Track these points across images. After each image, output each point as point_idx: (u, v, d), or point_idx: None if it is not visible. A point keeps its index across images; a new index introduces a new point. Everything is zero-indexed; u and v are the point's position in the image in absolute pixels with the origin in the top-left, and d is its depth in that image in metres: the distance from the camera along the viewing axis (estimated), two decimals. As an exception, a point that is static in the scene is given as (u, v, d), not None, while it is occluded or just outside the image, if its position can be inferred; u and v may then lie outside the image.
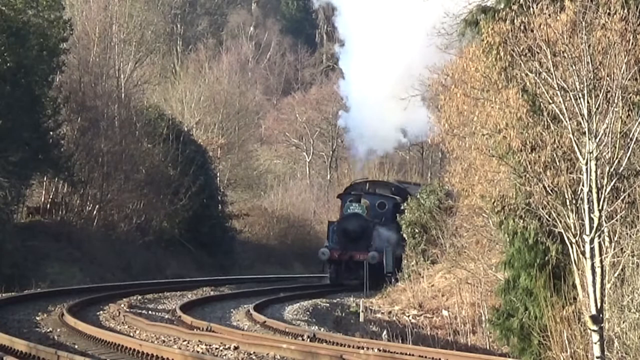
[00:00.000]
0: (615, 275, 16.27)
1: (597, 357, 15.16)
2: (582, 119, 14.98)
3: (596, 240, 15.03)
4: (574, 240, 15.32)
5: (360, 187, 44.55)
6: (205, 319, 24.14)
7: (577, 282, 16.51)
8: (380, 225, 41.39)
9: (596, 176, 14.91)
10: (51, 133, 37.46)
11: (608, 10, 15.12)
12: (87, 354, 17.59)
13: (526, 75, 15.62)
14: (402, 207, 41.32)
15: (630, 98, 15.36)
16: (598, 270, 15.06)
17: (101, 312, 25.34)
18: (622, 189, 15.69)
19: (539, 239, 18.67)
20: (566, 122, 15.10)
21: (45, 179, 39.76)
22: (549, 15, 15.24)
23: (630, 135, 15.12)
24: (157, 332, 21.07)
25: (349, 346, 20.25)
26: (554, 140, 15.44)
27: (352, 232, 40.93)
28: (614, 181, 15.07)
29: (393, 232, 40.67)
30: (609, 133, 14.94)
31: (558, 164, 15.41)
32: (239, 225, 54.88)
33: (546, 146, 15.47)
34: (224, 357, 18.15)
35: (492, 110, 16.04)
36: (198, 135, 53.64)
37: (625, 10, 15.13)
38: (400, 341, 23.40)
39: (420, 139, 55.79)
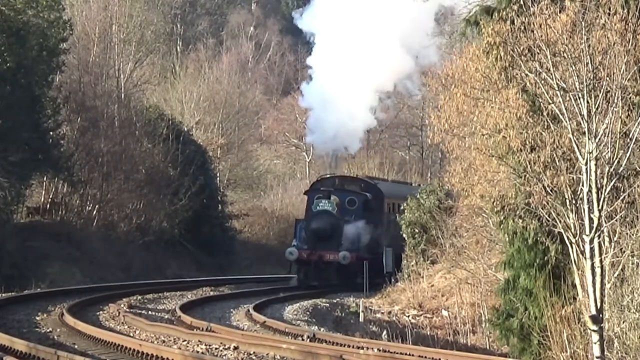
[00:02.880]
0: (615, 275, 16.28)
1: (597, 357, 15.19)
2: (582, 119, 15.00)
3: (596, 240, 15.05)
4: (573, 240, 15.33)
5: (329, 183, 41.71)
6: (205, 319, 24.13)
7: (577, 282, 16.51)
8: (350, 223, 39.17)
9: (596, 176, 14.92)
10: (51, 133, 37.45)
11: (608, 10, 15.14)
12: (87, 354, 17.61)
13: (526, 75, 15.63)
14: (372, 204, 40.34)
15: (630, 98, 15.38)
16: (598, 270, 15.07)
17: (101, 312, 25.33)
18: (622, 189, 15.71)
19: (538, 239, 18.67)
20: (566, 122, 15.12)
21: (45, 179, 39.74)
22: (549, 15, 15.25)
23: (630, 135, 15.14)
24: (156, 332, 21.07)
25: (348, 346, 20.25)
26: (554, 140, 15.45)
27: (322, 231, 38.55)
28: (613, 181, 15.09)
29: (364, 230, 39.21)
30: (608, 133, 14.96)
31: (558, 164, 15.42)
32: (239, 225, 54.77)
33: (546, 146, 15.48)
34: (224, 357, 18.15)
35: (492, 110, 16.05)
36: (198, 135, 53.54)
37: (625, 10, 15.15)
38: (400, 341, 23.40)
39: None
